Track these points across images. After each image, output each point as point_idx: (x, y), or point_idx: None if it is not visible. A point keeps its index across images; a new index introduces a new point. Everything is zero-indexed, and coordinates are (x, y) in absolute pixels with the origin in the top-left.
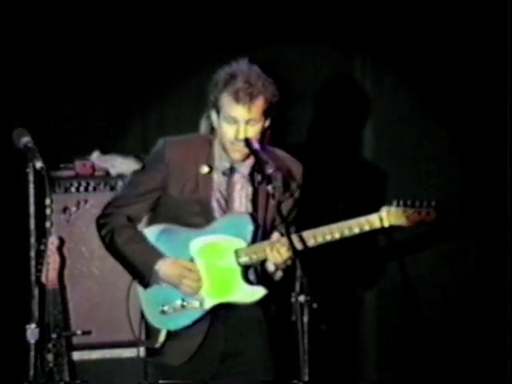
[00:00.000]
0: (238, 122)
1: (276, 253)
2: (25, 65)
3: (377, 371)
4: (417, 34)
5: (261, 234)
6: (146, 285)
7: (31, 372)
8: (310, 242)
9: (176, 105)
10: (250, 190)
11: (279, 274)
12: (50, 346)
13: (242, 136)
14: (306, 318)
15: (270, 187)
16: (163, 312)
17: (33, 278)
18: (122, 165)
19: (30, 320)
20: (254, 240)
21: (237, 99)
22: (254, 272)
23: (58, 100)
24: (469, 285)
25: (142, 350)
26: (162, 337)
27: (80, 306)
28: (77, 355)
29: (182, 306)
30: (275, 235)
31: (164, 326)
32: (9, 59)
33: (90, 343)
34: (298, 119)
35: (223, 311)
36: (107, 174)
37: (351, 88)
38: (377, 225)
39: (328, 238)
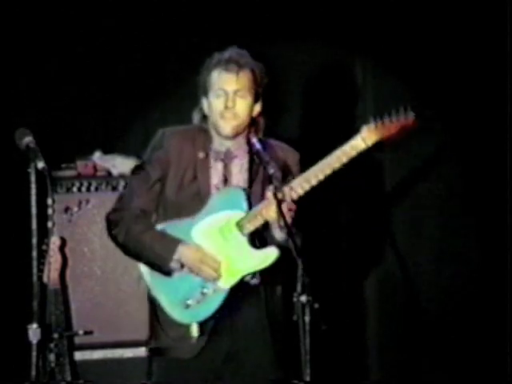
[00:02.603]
0: (227, 92)
1: (274, 209)
2: (26, 65)
3: (379, 371)
4: (418, 34)
5: None
6: (167, 271)
7: (33, 372)
8: (306, 187)
9: (177, 105)
10: (246, 174)
11: (284, 237)
12: (51, 345)
13: (230, 104)
14: (307, 318)
15: (271, 187)
16: (188, 306)
17: (34, 277)
18: (124, 165)
19: (31, 320)
20: (249, 207)
21: (226, 69)
22: (260, 240)
23: (59, 100)
24: (470, 282)
25: (143, 350)
26: (194, 331)
27: (82, 306)
28: (79, 355)
29: (203, 294)
30: (268, 193)
31: (194, 320)
32: (10, 59)
33: (92, 343)
34: (298, 118)
35: (228, 311)
36: (109, 174)
37: (351, 86)
38: (362, 146)
39: (320, 176)
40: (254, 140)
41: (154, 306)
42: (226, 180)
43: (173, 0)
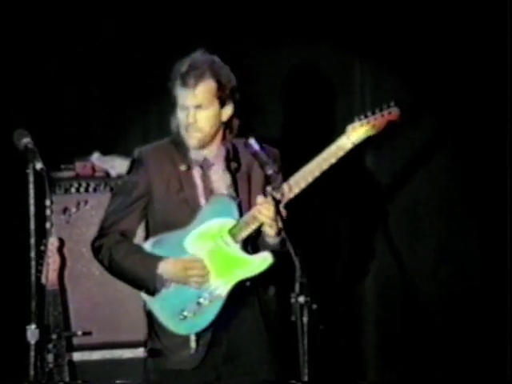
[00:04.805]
0: (187, 108)
1: (265, 211)
2: (26, 65)
3: (377, 371)
4: (417, 35)
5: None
6: (153, 292)
7: (31, 373)
8: (296, 190)
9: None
10: (228, 178)
11: (276, 243)
12: (50, 346)
13: (191, 120)
14: (305, 319)
15: (269, 188)
16: (185, 318)
17: (33, 278)
18: (122, 166)
19: (30, 321)
20: (240, 214)
21: (182, 84)
22: (252, 247)
23: (58, 101)
24: (470, 281)
25: (142, 351)
26: (192, 342)
27: (80, 307)
28: (77, 356)
29: (199, 304)
30: (259, 197)
31: (192, 331)
32: (10, 59)
33: (91, 344)
34: (298, 119)
35: (225, 315)
36: (107, 174)
37: (349, 86)
38: (349, 146)
39: (310, 179)
40: (252, 141)
41: (151, 318)
42: (206, 187)
43: (172, 1)
